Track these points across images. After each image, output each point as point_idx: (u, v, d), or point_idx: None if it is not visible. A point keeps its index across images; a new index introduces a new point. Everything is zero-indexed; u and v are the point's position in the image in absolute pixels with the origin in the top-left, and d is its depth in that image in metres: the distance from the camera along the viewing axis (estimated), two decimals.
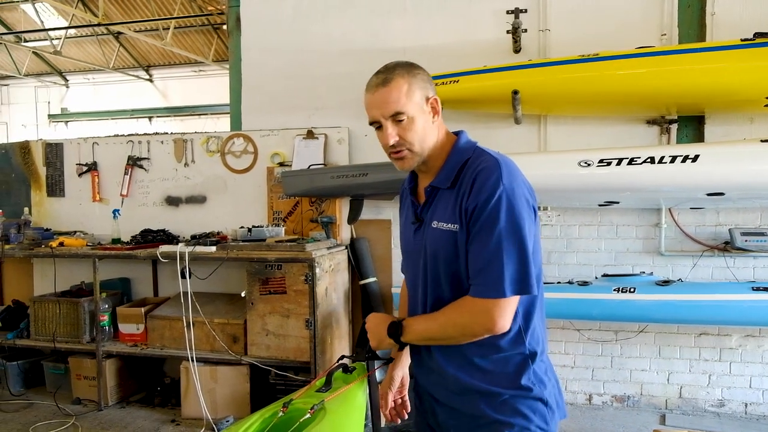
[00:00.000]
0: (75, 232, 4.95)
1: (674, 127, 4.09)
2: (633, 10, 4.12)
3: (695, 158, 3.39)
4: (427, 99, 1.69)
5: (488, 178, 1.57)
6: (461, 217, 1.60)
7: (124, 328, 4.47)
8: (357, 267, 4.55)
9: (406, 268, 1.90)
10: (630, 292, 3.77)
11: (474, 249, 1.58)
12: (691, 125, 4.08)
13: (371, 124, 1.70)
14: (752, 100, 3.64)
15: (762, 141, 3.37)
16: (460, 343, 1.63)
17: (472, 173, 1.61)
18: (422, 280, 1.73)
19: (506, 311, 1.55)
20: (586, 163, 3.58)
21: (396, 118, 1.64)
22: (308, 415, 1.63)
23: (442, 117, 1.76)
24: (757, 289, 3.59)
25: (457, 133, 1.78)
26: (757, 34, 3.40)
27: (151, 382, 4.69)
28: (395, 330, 1.68)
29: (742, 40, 3.43)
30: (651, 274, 4.04)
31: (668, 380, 4.23)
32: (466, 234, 1.59)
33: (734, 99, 3.69)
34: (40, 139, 5.42)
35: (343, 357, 1.97)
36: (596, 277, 4.18)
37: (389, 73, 1.66)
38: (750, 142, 3.46)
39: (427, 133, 1.68)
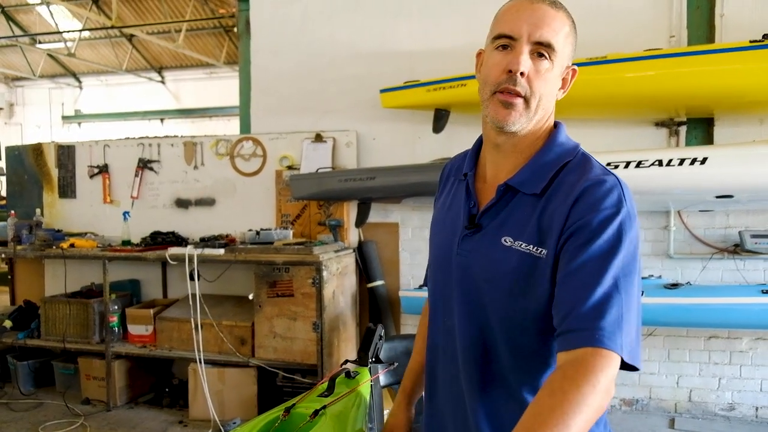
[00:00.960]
0: (86, 233, 5.00)
1: (683, 129, 4.06)
2: (642, 12, 4.10)
3: (704, 161, 3.36)
4: (569, 65, 1.28)
5: (608, 193, 1.15)
6: (557, 239, 1.15)
7: (133, 329, 4.51)
8: (365, 270, 4.56)
9: (433, 281, 1.41)
10: None
11: (580, 279, 1.10)
12: (701, 127, 4.05)
13: (498, 38, 1.24)
14: (762, 102, 3.62)
15: None
16: None
17: (576, 184, 1.17)
18: (459, 311, 1.29)
19: (615, 373, 1.06)
20: None
21: (540, 50, 1.20)
22: (308, 420, 1.63)
23: (454, 120, 1.34)
24: (767, 292, 3.56)
25: (556, 124, 1.32)
26: (767, 36, 3.37)
27: (160, 383, 4.72)
28: None
29: (751, 42, 3.40)
30: (660, 277, 4.01)
31: (678, 384, 4.20)
32: (555, 258, 1.15)
33: (744, 101, 3.66)
34: (53, 141, 5.48)
35: (347, 361, 1.97)
36: None
37: (557, 2, 1.24)
38: (759, 144, 3.43)
39: (550, 97, 1.24)
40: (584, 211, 1.13)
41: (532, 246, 1.18)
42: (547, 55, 1.20)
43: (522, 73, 1.19)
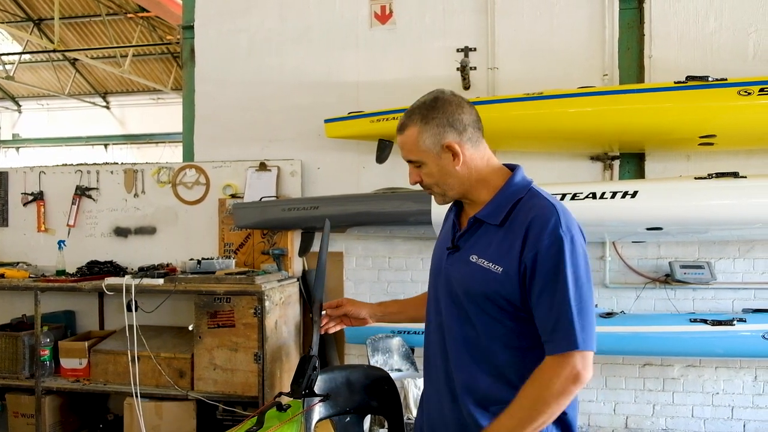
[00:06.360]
0: (18, 263, 4.81)
1: (617, 163, 4.23)
2: (577, 51, 4.27)
3: (634, 194, 3.50)
4: (443, 145, 1.66)
5: (546, 224, 1.53)
6: (518, 264, 1.55)
7: (66, 362, 4.33)
8: (308, 299, 4.53)
9: (430, 285, 1.88)
10: None
11: (544, 302, 1.52)
12: (633, 161, 4.23)
13: None
14: (687, 139, 3.80)
15: (696, 178, 3.51)
16: (553, 418, 1.53)
17: (526, 217, 1.57)
18: (445, 310, 1.73)
19: (589, 363, 1.50)
20: None
21: (412, 164, 1.74)
22: None
23: (397, 151, 1.92)
24: (695, 321, 3.70)
25: (513, 168, 1.73)
26: (689, 77, 3.57)
27: (94, 419, 4.54)
28: None
29: (675, 83, 3.59)
30: (596, 306, 4.12)
31: (615, 410, 4.30)
32: (522, 283, 1.55)
33: (671, 137, 3.84)
34: None
35: (280, 394, 1.95)
36: None
37: (406, 118, 1.72)
38: (684, 180, 3.59)
39: (445, 174, 1.69)
40: (534, 242, 1.53)
41: (494, 264, 1.59)
42: (417, 164, 1.72)
43: (416, 182, 1.76)
